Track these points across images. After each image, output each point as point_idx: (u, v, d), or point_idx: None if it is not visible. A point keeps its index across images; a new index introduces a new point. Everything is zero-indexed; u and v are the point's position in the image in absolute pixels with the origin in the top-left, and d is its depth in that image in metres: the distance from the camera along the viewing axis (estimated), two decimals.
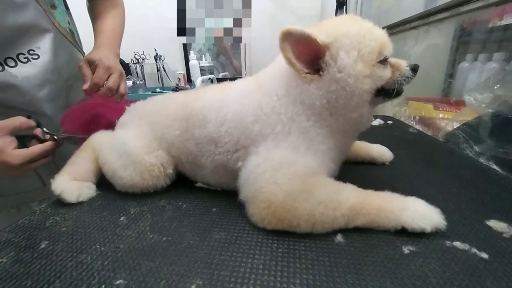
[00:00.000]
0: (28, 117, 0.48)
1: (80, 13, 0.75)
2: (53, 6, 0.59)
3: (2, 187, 0.60)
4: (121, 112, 0.53)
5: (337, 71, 0.35)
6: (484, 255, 0.30)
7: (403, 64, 0.39)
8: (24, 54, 0.53)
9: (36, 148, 0.46)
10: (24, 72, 0.53)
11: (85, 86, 0.57)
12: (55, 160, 0.51)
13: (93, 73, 0.58)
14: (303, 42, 0.34)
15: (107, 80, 0.59)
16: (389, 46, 0.38)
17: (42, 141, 0.48)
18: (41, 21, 0.54)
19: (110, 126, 0.52)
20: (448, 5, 0.89)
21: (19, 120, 0.46)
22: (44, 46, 0.55)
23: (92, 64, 0.59)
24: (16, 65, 0.52)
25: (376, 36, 0.36)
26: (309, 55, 0.35)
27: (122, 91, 0.61)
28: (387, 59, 0.37)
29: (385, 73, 0.37)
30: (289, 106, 0.37)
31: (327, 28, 0.36)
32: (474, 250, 0.30)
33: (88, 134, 0.51)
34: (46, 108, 0.58)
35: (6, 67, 0.51)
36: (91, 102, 0.54)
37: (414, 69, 0.39)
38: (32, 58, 0.54)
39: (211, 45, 2.23)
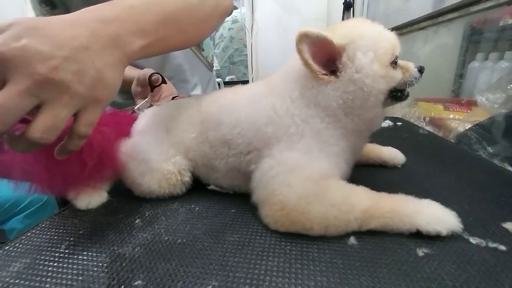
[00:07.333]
0: None
1: None
2: None
3: None
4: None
5: (355, 72, 0.36)
6: None
7: (411, 66, 0.40)
8: None
9: None
10: None
11: None
12: None
13: None
14: (319, 44, 0.35)
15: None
16: (399, 48, 0.39)
17: None
18: None
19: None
20: (458, 5, 0.88)
21: None
22: None
23: None
24: None
25: (389, 38, 0.38)
26: (323, 57, 0.36)
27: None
28: (397, 61, 0.38)
29: (397, 74, 0.38)
30: (303, 108, 0.38)
31: (341, 31, 0.37)
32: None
33: None
34: None
35: None
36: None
37: (421, 70, 0.41)
38: None
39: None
